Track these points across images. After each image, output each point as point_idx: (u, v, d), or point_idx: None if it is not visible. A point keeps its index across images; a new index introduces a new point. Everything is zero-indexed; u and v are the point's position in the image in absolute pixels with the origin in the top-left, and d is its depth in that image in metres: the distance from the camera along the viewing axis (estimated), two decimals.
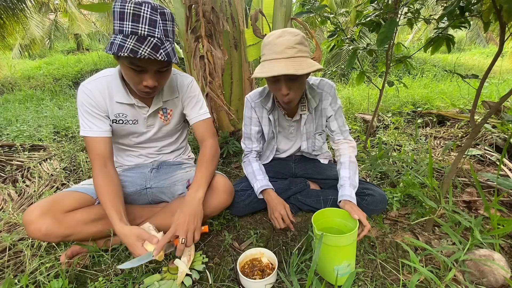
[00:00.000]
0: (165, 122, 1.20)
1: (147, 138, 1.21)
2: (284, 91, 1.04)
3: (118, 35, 0.86)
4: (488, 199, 1.34)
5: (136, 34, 0.85)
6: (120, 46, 0.84)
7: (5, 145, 2.30)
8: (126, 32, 0.85)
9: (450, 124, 2.42)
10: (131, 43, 0.83)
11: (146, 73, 0.93)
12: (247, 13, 2.42)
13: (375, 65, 5.90)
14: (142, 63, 0.89)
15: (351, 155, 1.24)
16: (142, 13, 0.84)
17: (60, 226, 0.96)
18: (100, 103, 1.06)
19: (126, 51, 0.82)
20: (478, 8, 1.23)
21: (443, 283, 0.85)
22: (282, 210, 1.17)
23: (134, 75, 0.93)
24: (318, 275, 0.97)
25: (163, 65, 0.93)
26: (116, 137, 1.18)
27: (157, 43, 0.86)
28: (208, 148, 1.15)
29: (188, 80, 1.19)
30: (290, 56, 0.98)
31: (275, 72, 0.96)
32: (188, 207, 0.99)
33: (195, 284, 0.96)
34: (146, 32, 0.85)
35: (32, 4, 5.81)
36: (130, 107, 1.10)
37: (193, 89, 1.20)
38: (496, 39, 11.69)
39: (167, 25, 0.89)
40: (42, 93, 5.26)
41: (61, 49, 11.52)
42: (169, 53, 0.89)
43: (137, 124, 1.15)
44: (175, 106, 1.19)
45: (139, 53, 0.83)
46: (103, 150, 1.05)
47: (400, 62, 1.81)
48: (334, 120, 1.28)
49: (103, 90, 1.06)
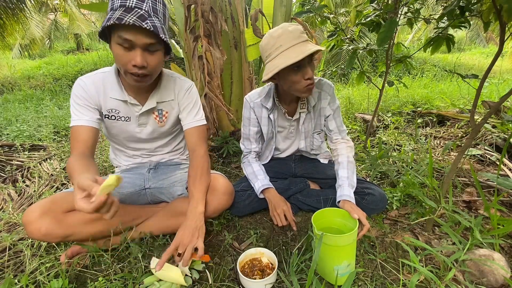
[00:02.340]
0: (160, 123, 1.18)
1: (140, 138, 1.19)
2: (310, 73, 1.06)
3: (109, 12, 0.88)
4: (488, 199, 1.34)
5: (124, 6, 0.87)
6: (107, 20, 0.86)
7: (5, 145, 2.30)
8: (115, 7, 0.88)
9: (450, 124, 2.42)
10: (117, 13, 0.85)
11: (134, 50, 0.91)
12: (247, 13, 2.42)
13: (375, 65, 5.90)
14: (129, 34, 0.88)
15: (349, 155, 1.24)
16: None
17: (59, 226, 0.96)
18: (92, 95, 1.05)
19: (113, 20, 0.83)
20: (478, 8, 1.23)
21: (443, 283, 0.85)
22: (284, 206, 1.18)
23: (123, 53, 0.91)
24: (318, 275, 0.97)
25: (151, 40, 0.90)
26: (110, 134, 1.18)
27: (144, 15, 0.87)
28: (200, 159, 1.12)
29: (188, 84, 1.17)
30: (306, 39, 1.05)
31: (308, 51, 0.99)
32: (190, 221, 0.98)
33: (195, 284, 0.96)
34: (134, 4, 0.88)
35: (32, 4, 5.81)
36: (123, 104, 1.10)
37: (191, 95, 1.17)
38: (496, 39, 11.68)
39: (156, 4, 0.91)
40: (42, 93, 5.26)
41: (61, 49, 11.52)
42: (156, 26, 0.88)
43: (129, 121, 1.13)
44: (171, 109, 1.17)
45: (125, 20, 0.83)
46: (85, 138, 1.01)
47: (400, 62, 1.81)
48: (332, 119, 1.29)
49: (98, 85, 1.06)
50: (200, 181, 1.07)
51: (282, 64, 1.01)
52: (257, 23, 1.91)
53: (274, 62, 1.04)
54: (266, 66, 1.09)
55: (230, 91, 2.13)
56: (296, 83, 1.08)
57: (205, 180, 1.10)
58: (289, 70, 1.05)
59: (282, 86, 1.16)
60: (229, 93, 2.13)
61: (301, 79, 1.07)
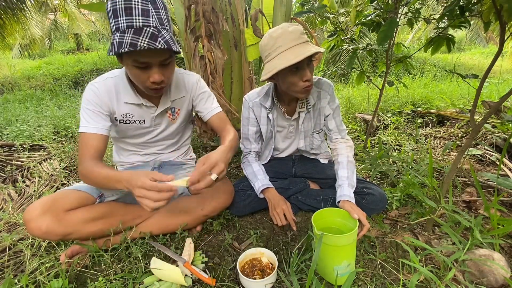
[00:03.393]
0: (172, 121, 1.22)
1: (153, 137, 1.22)
2: (309, 75, 1.06)
3: (116, 33, 0.87)
4: (488, 199, 1.34)
5: (132, 27, 0.85)
6: (119, 44, 0.84)
7: (5, 145, 2.30)
8: (122, 27, 0.85)
9: (450, 124, 2.42)
10: (128, 37, 0.84)
11: (151, 69, 0.93)
12: (247, 13, 2.42)
13: (375, 65, 5.90)
14: (144, 57, 0.89)
15: (349, 154, 1.24)
16: (133, 4, 0.84)
17: (60, 224, 0.96)
18: (105, 101, 1.06)
19: (126, 46, 0.82)
20: (478, 8, 1.23)
21: (443, 283, 0.85)
22: (284, 206, 1.18)
23: (139, 73, 0.93)
24: (318, 275, 0.97)
25: (165, 56, 0.92)
26: (123, 136, 1.19)
27: (154, 32, 0.86)
28: (231, 133, 1.14)
29: (195, 78, 1.20)
30: (305, 40, 1.04)
31: (307, 53, 0.99)
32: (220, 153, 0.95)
33: (195, 284, 0.96)
34: (141, 23, 0.85)
35: (32, 4, 5.81)
36: (137, 107, 1.11)
37: (201, 86, 1.21)
38: (496, 39, 11.68)
39: (160, 13, 0.89)
40: (42, 93, 5.26)
41: (61, 49, 11.52)
42: (167, 41, 0.88)
43: (143, 124, 1.16)
44: (182, 105, 1.21)
45: (138, 44, 0.83)
46: (95, 145, 1.03)
47: (400, 62, 1.80)
48: (332, 119, 1.29)
49: (111, 91, 1.07)
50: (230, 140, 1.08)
51: (280, 65, 1.00)
52: (257, 23, 1.91)
53: (273, 63, 1.04)
54: (265, 66, 1.09)
55: (230, 91, 2.13)
56: (294, 84, 1.08)
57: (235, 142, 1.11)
58: (288, 71, 1.05)
59: (280, 86, 1.16)
60: (229, 93, 2.13)
61: (299, 81, 1.07)
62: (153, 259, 0.96)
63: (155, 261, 0.95)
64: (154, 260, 0.95)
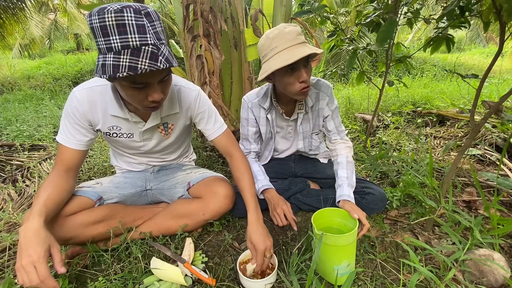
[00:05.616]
0: (165, 136, 1.15)
1: (144, 151, 1.18)
2: (305, 76, 1.04)
3: (108, 54, 0.74)
4: (488, 199, 1.34)
5: (128, 48, 0.73)
6: (115, 66, 0.73)
7: (5, 145, 2.30)
8: (116, 48, 0.73)
9: (450, 124, 2.42)
10: (126, 59, 0.72)
11: (149, 88, 0.83)
12: (247, 13, 2.42)
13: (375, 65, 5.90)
14: (143, 78, 0.79)
15: (348, 155, 1.24)
16: (127, 21, 0.71)
17: (61, 230, 0.95)
18: (86, 115, 0.99)
19: (124, 70, 0.72)
20: (478, 8, 1.23)
21: (443, 282, 0.85)
22: (284, 206, 1.18)
23: (136, 93, 0.83)
24: (318, 275, 0.97)
25: (165, 73, 0.84)
26: (114, 145, 1.17)
27: (154, 50, 0.75)
28: (240, 162, 1.12)
29: (193, 95, 1.09)
30: (302, 41, 1.03)
31: (302, 54, 0.97)
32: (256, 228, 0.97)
33: (195, 284, 0.96)
34: (138, 41, 0.73)
35: (31, 4, 5.81)
36: (125, 121, 1.04)
37: (202, 103, 1.11)
38: (496, 39, 11.69)
39: (156, 27, 0.77)
40: (42, 93, 5.27)
41: (61, 48, 11.53)
42: (168, 58, 0.79)
43: (132, 137, 1.10)
44: (176, 121, 1.13)
45: (139, 68, 0.73)
46: (70, 160, 0.99)
47: (400, 62, 1.81)
48: (331, 120, 1.29)
49: (95, 101, 0.99)
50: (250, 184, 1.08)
51: (275, 65, 1.00)
52: (257, 23, 1.91)
53: (269, 63, 1.04)
54: (262, 66, 1.09)
55: (230, 91, 2.13)
56: (290, 86, 1.08)
57: (252, 180, 1.11)
58: (284, 72, 1.05)
59: (278, 87, 1.16)
60: (229, 93, 2.13)
61: (295, 82, 1.06)
62: (153, 259, 0.96)
63: (155, 261, 0.94)
64: (154, 260, 0.95)
